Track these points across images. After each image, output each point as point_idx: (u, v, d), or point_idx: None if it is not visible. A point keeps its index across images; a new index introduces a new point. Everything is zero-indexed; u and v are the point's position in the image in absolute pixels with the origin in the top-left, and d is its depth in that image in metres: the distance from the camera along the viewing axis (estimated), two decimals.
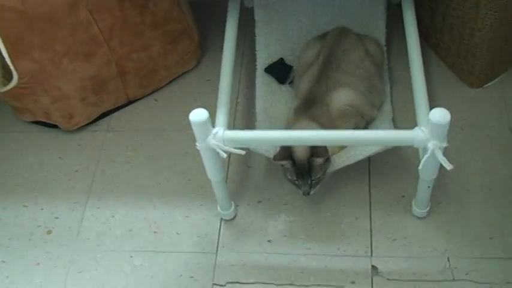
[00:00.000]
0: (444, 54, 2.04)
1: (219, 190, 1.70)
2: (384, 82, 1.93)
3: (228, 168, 1.92)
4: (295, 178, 1.63)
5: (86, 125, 2.10)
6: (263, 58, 2.04)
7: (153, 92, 2.17)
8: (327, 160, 1.63)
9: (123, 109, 2.15)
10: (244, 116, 2.06)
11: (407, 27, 1.79)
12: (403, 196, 1.78)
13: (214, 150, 1.51)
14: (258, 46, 2.05)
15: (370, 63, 1.85)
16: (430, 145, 1.41)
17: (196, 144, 1.52)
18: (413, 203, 1.72)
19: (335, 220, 1.76)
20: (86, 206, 1.91)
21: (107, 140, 2.07)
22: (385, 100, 1.90)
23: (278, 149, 1.63)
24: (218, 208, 1.78)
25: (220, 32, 1.87)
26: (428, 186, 1.60)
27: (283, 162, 1.62)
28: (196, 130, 1.49)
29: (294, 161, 1.61)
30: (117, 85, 2.05)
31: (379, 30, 2.03)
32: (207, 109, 1.50)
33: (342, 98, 1.73)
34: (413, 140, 1.44)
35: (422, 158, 1.47)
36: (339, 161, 1.70)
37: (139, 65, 2.03)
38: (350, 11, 2.06)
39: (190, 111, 2.05)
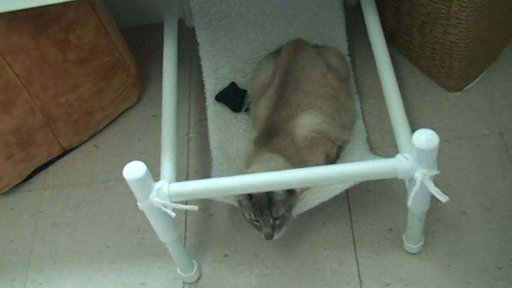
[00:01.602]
0: (416, 57, 1.80)
1: (175, 251, 1.42)
2: (352, 98, 1.68)
3: (185, 218, 1.65)
4: (253, 217, 1.35)
5: (18, 184, 1.82)
6: (212, 84, 1.77)
7: (92, 137, 1.89)
8: (291, 194, 1.37)
9: (60, 161, 1.87)
10: (199, 153, 1.79)
11: (371, 33, 1.55)
12: (391, 229, 1.53)
13: (160, 209, 1.23)
14: (204, 71, 1.78)
15: (334, 79, 1.60)
16: (418, 175, 1.16)
17: (138, 204, 1.25)
18: (404, 237, 1.47)
19: (316, 268, 1.50)
20: (25, 284, 1.62)
21: (43, 199, 1.78)
22: (356, 119, 1.64)
23: None
24: (178, 270, 1.50)
25: (162, 59, 1.60)
26: (420, 219, 1.35)
27: (238, 198, 1.36)
28: (134, 188, 1.22)
29: (250, 196, 1.34)
30: (46, 135, 1.76)
31: (339, 39, 1.78)
32: (154, 150, 1.32)
33: (306, 123, 1.48)
34: (397, 171, 1.19)
35: (410, 190, 1.22)
36: (313, 198, 1.44)
37: (69, 109, 1.75)
38: (304, 20, 1.81)
39: (136, 154, 1.80)
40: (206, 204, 1.65)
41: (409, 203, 1.22)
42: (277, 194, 1.33)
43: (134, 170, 1.19)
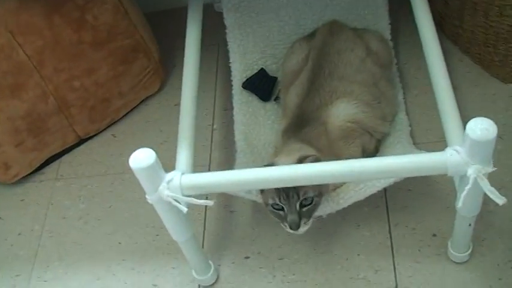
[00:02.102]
0: (467, 44, 1.61)
1: (189, 251, 1.28)
2: (394, 87, 1.51)
3: (205, 214, 1.50)
4: (277, 201, 1.18)
5: (29, 174, 1.70)
6: (239, 71, 1.62)
7: (110, 126, 1.76)
8: None
9: (75, 150, 1.74)
10: (223, 145, 1.64)
11: (418, 16, 1.37)
12: (434, 235, 1.35)
13: (171, 203, 1.09)
14: (231, 57, 1.64)
15: (374, 65, 1.43)
16: (471, 171, 0.99)
17: (147, 197, 1.11)
18: (449, 244, 1.29)
19: (348, 276, 1.33)
20: (30, 280, 1.50)
21: (55, 191, 1.66)
22: (399, 110, 1.47)
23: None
24: (193, 272, 1.35)
25: None
26: (470, 224, 1.17)
27: None
28: (141, 179, 1.07)
29: None
30: (60, 122, 1.64)
31: (381, 22, 1.61)
32: (176, 141, 1.20)
33: (341, 112, 1.31)
34: (447, 166, 1.01)
35: (460, 189, 1.04)
36: (346, 197, 1.27)
37: (85, 94, 1.62)
38: (342, 0, 1.64)
39: (156, 145, 1.66)
40: (228, 201, 1.50)
41: (459, 204, 1.04)
42: None
43: (142, 157, 1.05)
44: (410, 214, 1.39)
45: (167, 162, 1.13)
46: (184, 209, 1.08)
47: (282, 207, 1.19)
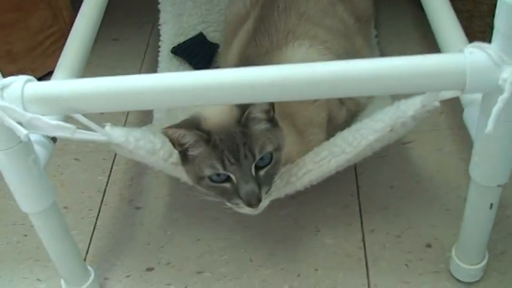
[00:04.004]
0: (466, 22, 1.26)
1: (49, 238, 0.81)
2: (372, 51, 1.13)
3: (99, 209, 1.04)
4: (221, 169, 0.76)
5: None
6: (171, 35, 1.24)
7: None
8: (275, 125, 0.80)
9: None
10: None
11: None
12: (429, 245, 0.92)
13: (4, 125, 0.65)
14: (162, 17, 1.26)
15: (348, 14, 1.06)
16: (508, 74, 0.58)
17: None
18: (453, 252, 0.85)
19: None
20: None
21: None
22: None
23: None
24: (62, 284, 0.88)
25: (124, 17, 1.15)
26: (491, 206, 0.74)
27: (186, 138, 0.77)
28: None
29: (209, 135, 0.76)
30: None
31: None
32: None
33: (301, 56, 0.92)
34: (466, 71, 0.60)
35: (482, 119, 0.63)
36: (301, 173, 0.85)
37: None
38: None
39: None
40: (133, 194, 1.06)
41: (489, 127, 0.59)
42: (255, 115, 0.77)
43: None
44: (393, 217, 0.96)
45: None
46: (23, 132, 0.64)
47: (228, 177, 0.77)
